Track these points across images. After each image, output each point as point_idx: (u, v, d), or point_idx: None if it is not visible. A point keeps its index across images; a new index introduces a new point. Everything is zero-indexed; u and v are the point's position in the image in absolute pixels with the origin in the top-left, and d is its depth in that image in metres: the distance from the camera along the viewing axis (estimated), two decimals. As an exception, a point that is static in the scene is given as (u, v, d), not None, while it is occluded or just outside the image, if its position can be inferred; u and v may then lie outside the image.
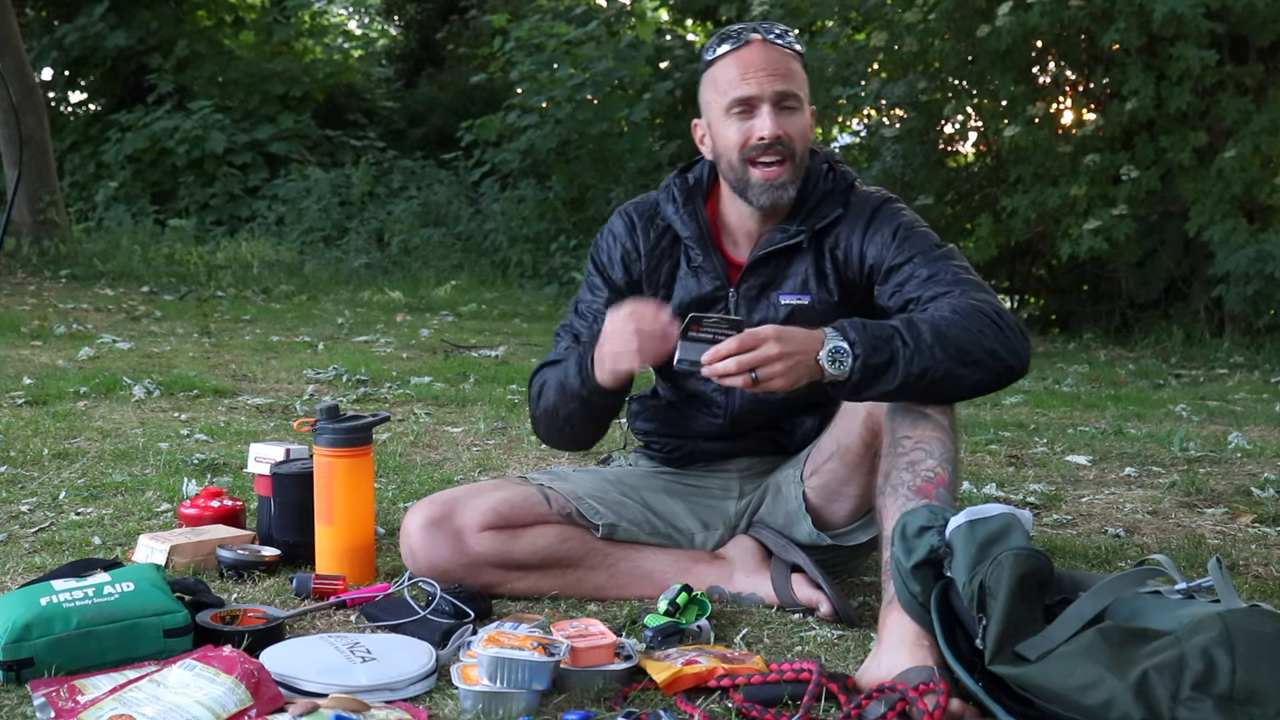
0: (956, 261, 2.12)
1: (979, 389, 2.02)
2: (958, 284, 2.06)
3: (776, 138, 2.13)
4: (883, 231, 2.17)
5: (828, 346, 1.91)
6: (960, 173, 9.18)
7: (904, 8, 8.09)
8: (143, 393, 4.47)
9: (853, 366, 1.91)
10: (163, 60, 13.41)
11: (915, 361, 1.93)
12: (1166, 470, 3.65)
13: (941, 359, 1.93)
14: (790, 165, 2.15)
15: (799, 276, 2.21)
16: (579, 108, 10.29)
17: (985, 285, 2.09)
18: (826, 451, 2.24)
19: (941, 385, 1.96)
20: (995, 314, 1.99)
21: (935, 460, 1.97)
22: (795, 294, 2.21)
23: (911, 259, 2.12)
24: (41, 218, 10.17)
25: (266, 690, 1.69)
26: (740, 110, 2.15)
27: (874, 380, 1.93)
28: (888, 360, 1.92)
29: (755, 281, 2.23)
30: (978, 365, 1.96)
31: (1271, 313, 7.43)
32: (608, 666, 1.84)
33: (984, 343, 1.96)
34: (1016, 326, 2.01)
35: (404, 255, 10.68)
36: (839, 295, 2.20)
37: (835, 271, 2.21)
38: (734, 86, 2.14)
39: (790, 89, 2.14)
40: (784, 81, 2.13)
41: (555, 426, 2.29)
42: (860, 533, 2.27)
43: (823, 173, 2.25)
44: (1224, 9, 7.10)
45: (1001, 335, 1.97)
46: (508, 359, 5.98)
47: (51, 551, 2.52)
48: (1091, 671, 1.55)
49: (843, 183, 2.24)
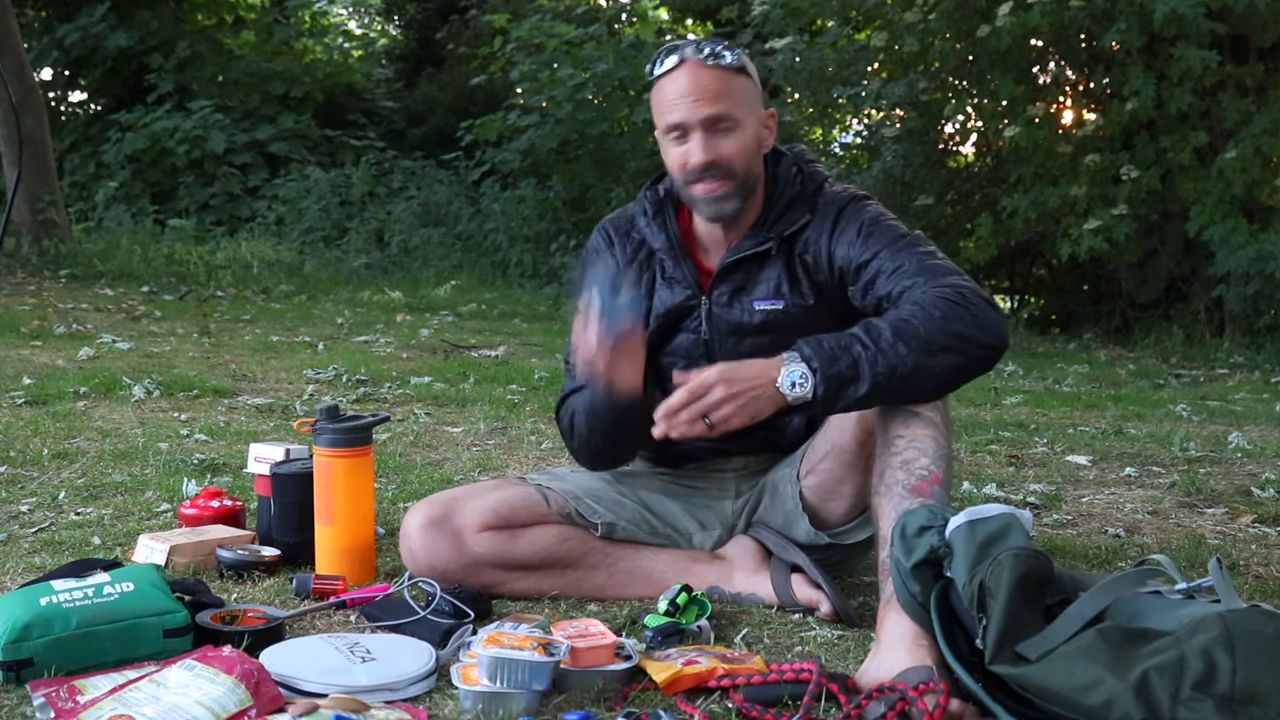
0: (921, 248, 2.10)
1: (958, 375, 1.98)
2: (922, 272, 2.04)
3: (710, 163, 2.12)
4: (848, 231, 2.15)
5: (784, 373, 1.92)
6: (960, 173, 9.18)
7: (904, 8, 8.09)
8: (142, 393, 4.47)
9: (815, 385, 1.92)
10: (163, 60, 13.42)
11: (879, 361, 1.92)
12: (1167, 470, 3.65)
13: (905, 354, 1.92)
14: (731, 181, 2.14)
15: (771, 282, 2.21)
16: (579, 108, 10.29)
17: (953, 267, 2.06)
18: (821, 451, 2.23)
19: (916, 380, 1.94)
20: (958, 296, 1.96)
21: (929, 458, 1.96)
22: (769, 299, 2.21)
23: (876, 254, 2.11)
24: (41, 218, 10.17)
25: (266, 690, 1.69)
26: (675, 135, 2.15)
27: (842, 391, 1.93)
28: (850, 368, 1.92)
29: (726, 288, 2.23)
30: (947, 351, 1.93)
31: (1272, 313, 7.43)
32: (608, 666, 1.84)
33: (948, 327, 1.93)
34: (985, 303, 1.97)
35: (404, 255, 10.68)
36: (814, 298, 2.19)
37: (807, 275, 2.20)
38: (667, 111, 2.15)
39: (719, 111, 2.11)
40: (713, 105, 2.11)
41: (597, 450, 2.28)
42: (858, 531, 2.27)
43: (791, 176, 2.24)
44: (1225, 9, 7.09)
45: (968, 315, 1.95)
46: (508, 359, 5.98)
47: (51, 551, 2.52)
48: (1092, 671, 1.55)
49: (810, 185, 2.23)
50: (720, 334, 2.24)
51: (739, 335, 2.23)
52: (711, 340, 2.25)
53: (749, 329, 2.22)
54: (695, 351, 2.25)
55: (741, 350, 2.18)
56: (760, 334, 2.21)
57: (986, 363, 1.99)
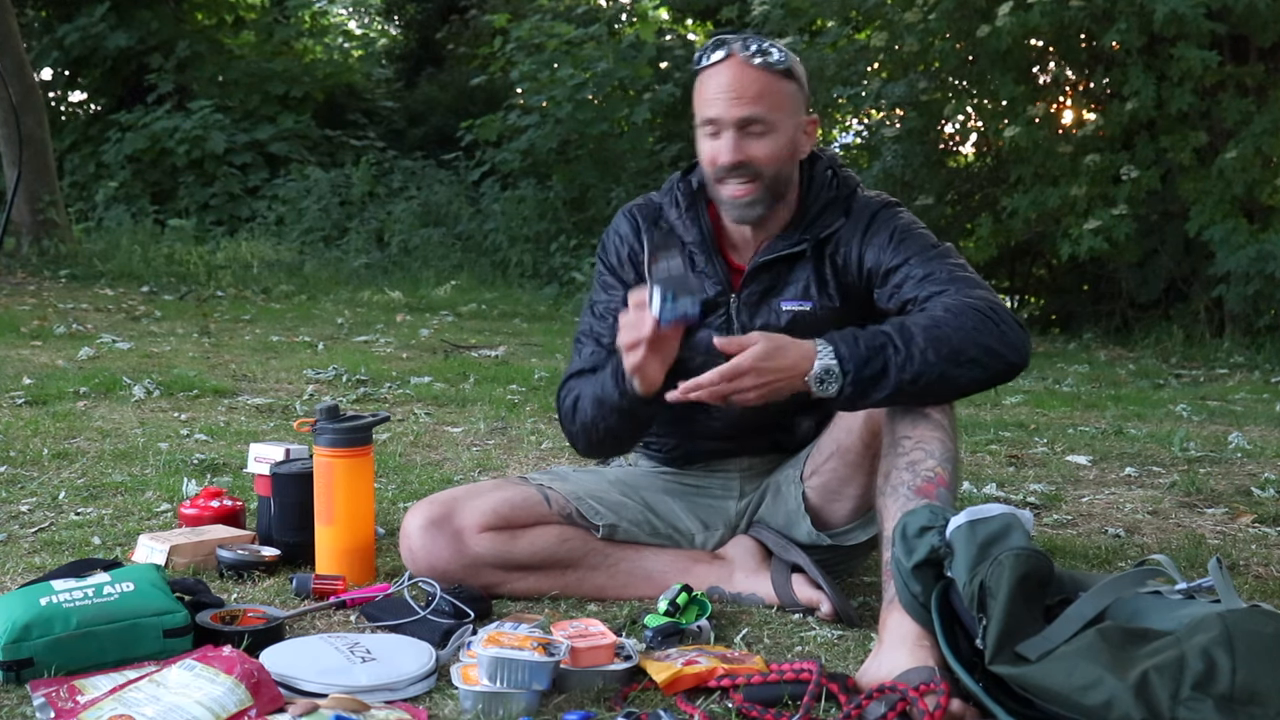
0: (953, 260, 2.12)
1: (977, 386, 2.02)
2: (953, 282, 2.06)
3: (738, 163, 2.12)
4: (880, 236, 2.16)
5: (817, 367, 1.93)
6: (960, 173, 9.19)
7: (904, 8, 8.09)
8: (142, 393, 4.47)
9: (843, 384, 1.93)
10: (163, 60, 13.41)
11: (907, 368, 1.93)
12: (1167, 470, 3.65)
13: (934, 361, 1.93)
14: (759, 185, 2.14)
15: (800, 283, 2.21)
16: (579, 108, 10.28)
17: (982, 282, 2.08)
18: (826, 451, 2.24)
19: (937, 387, 1.96)
20: (990, 310, 1.98)
21: (935, 460, 1.97)
22: (797, 300, 2.21)
23: (908, 260, 2.12)
24: (41, 218, 10.17)
25: (266, 690, 1.68)
26: (710, 130, 2.14)
27: (867, 391, 1.95)
28: (880, 371, 1.93)
29: (756, 288, 2.23)
30: (973, 364, 1.96)
31: (1272, 313, 7.43)
32: (608, 667, 1.84)
33: (979, 340, 1.95)
34: (1013, 321, 2.00)
35: (404, 255, 10.68)
36: (840, 301, 2.20)
37: (835, 278, 2.20)
38: (704, 105, 2.14)
39: (755, 114, 2.10)
40: (750, 106, 2.10)
41: (596, 439, 2.25)
42: (859, 532, 2.27)
43: (827, 179, 2.24)
44: (1225, 9, 7.09)
45: (997, 331, 1.97)
46: (508, 359, 5.98)
47: (51, 551, 2.52)
48: (1092, 672, 1.55)
49: (845, 190, 2.24)
50: (745, 332, 2.23)
51: None
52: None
53: (774, 330, 2.20)
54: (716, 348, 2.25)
55: None
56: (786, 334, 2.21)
57: (1007, 377, 2.03)
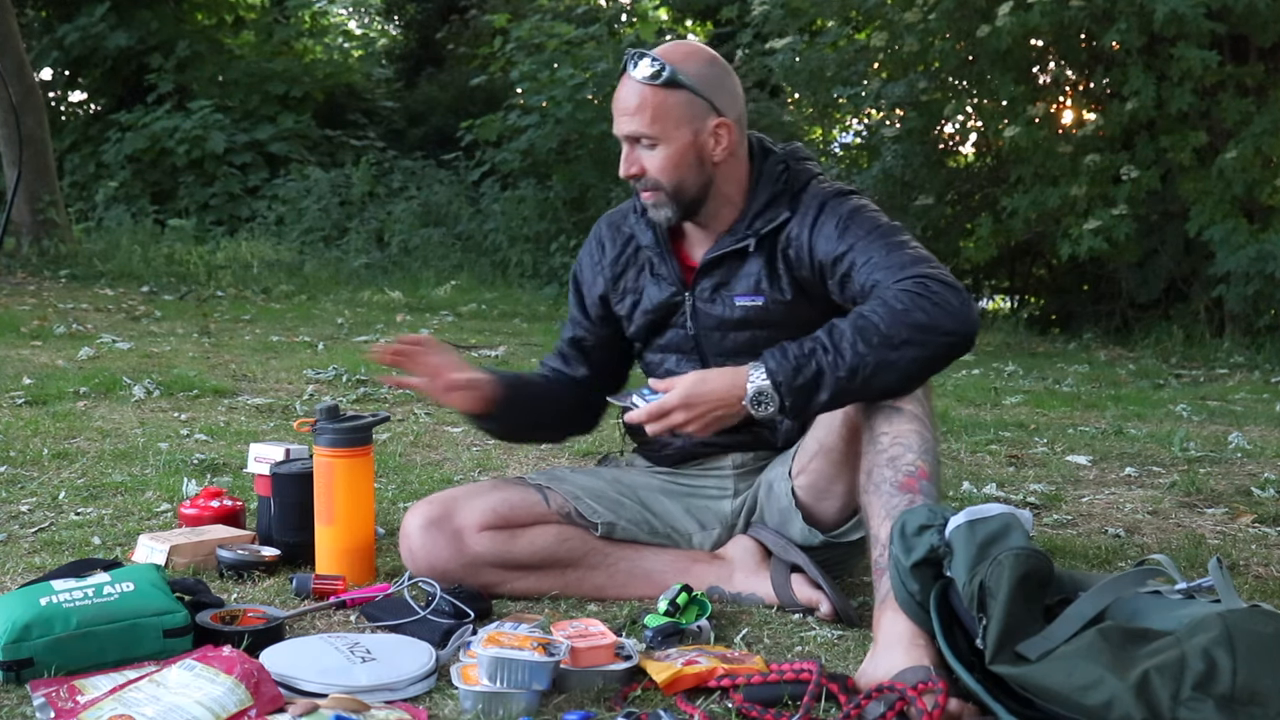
0: (893, 239, 2.08)
1: (924, 367, 1.96)
2: (889, 265, 2.03)
3: (631, 176, 2.19)
4: (827, 226, 2.15)
5: (750, 390, 1.95)
6: (960, 173, 9.18)
7: (904, 8, 8.08)
8: (142, 393, 4.47)
9: (780, 398, 1.94)
10: (163, 60, 13.40)
11: (840, 365, 1.92)
12: (1167, 470, 3.65)
13: (866, 352, 1.92)
14: (660, 192, 2.19)
15: (752, 278, 2.22)
16: (579, 108, 10.27)
17: (921, 256, 2.04)
18: (810, 450, 2.23)
19: (881, 376, 1.93)
20: (921, 287, 1.95)
21: (915, 454, 1.97)
22: (749, 295, 2.22)
23: (852, 247, 2.10)
24: (41, 218, 10.17)
25: (266, 690, 1.69)
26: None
27: (809, 400, 1.95)
28: (814, 376, 1.93)
29: (708, 283, 2.26)
30: (909, 344, 1.92)
31: (1272, 313, 7.43)
32: (608, 666, 1.84)
33: (908, 319, 1.92)
34: (950, 291, 1.95)
35: (404, 255, 10.67)
36: (793, 294, 2.20)
37: (789, 272, 2.20)
38: None
39: (637, 130, 2.15)
40: (633, 122, 2.15)
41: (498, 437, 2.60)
42: (855, 530, 2.26)
43: (775, 174, 2.23)
44: (1225, 9, 7.09)
45: (930, 304, 1.93)
46: (508, 359, 5.98)
47: (51, 551, 2.52)
48: (1092, 671, 1.55)
49: (795, 183, 2.23)
50: (705, 329, 2.27)
51: (723, 330, 2.26)
52: (698, 335, 2.28)
53: (730, 324, 2.25)
54: (685, 346, 2.31)
55: (726, 344, 2.25)
56: (741, 328, 2.24)
57: (954, 350, 1.97)
